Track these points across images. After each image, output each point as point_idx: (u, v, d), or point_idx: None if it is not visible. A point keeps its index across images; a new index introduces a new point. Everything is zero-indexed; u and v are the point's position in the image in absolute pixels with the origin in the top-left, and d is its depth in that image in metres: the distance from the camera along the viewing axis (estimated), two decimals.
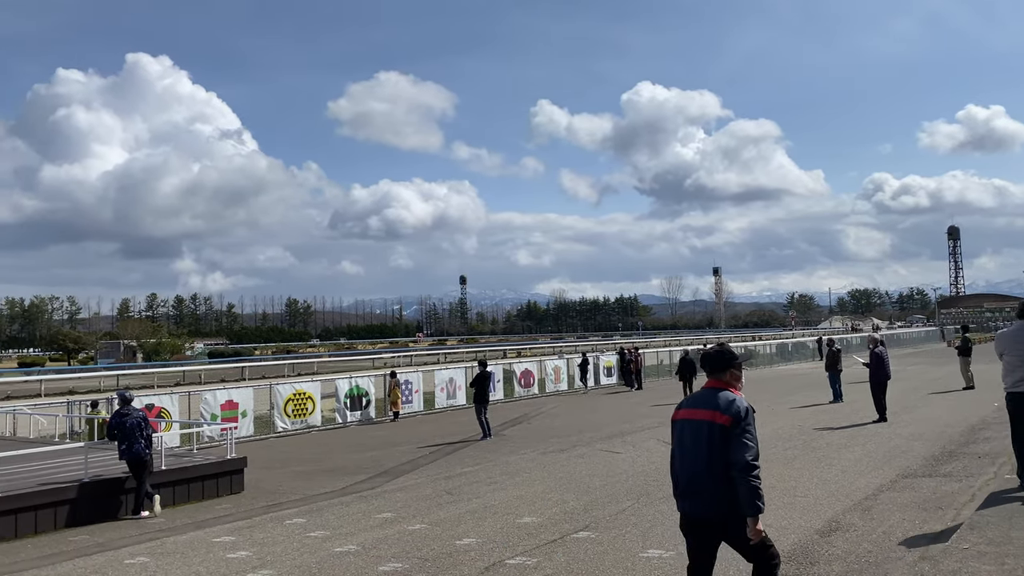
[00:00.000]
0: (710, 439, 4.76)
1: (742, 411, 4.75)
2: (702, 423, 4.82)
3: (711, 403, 4.85)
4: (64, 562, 9.09)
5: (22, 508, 10.98)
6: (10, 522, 10.80)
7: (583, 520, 9.54)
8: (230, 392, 22.31)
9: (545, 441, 17.78)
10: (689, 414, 4.98)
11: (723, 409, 4.76)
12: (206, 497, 13.11)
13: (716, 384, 4.96)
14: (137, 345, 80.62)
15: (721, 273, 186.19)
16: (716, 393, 4.90)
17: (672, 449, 5.09)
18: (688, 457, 4.88)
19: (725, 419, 4.72)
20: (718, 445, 4.72)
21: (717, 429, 4.73)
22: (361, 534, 9.55)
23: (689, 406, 5.08)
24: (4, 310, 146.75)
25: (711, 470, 4.74)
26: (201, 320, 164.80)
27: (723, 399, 4.82)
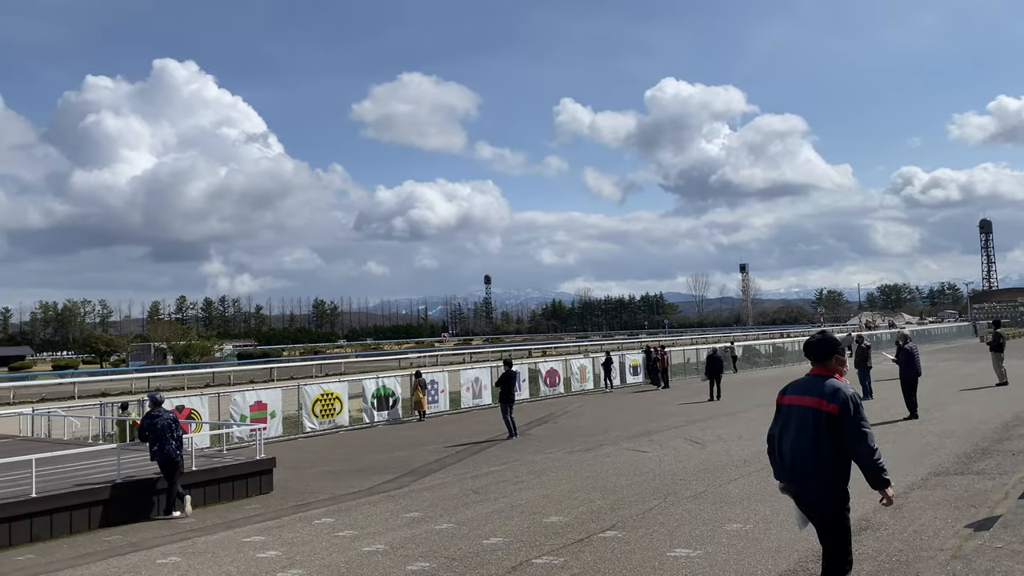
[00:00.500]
0: (816, 426, 5.00)
1: (848, 399, 4.99)
2: (808, 409, 5.07)
3: (817, 390, 5.08)
4: (98, 561, 9.25)
5: (58, 508, 11.19)
6: (46, 522, 11.01)
7: (610, 519, 9.53)
8: (259, 393, 22.53)
9: (571, 440, 17.77)
10: (795, 399, 5.21)
11: (829, 397, 5.00)
12: (236, 497, 13.26)
13: (821, 371, 5.21)
14: (167, 347, 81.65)
15: (748, 270, 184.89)
16: (822, 380, 5.13)
17: (772, 431, 5.37)
18: (793, 442, 5.14)
19: (832, 407, 4.97)
20: (824, 432, 4.98)
21: (823, 417, 4.98)
22: (389, 533, 9.62)
23: (795, 391, 5.29)
24: (38, 314, 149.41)
25: (815, 456, 5.00)
26: (230, 322, 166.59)
27: (828, 387, 5.06)
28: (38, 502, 10.99)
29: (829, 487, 5.03)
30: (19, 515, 10.80)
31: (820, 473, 5.01)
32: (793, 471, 5.15)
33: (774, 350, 51.34)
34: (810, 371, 5.31)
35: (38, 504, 10.98)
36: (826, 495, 5.05)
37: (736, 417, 20.22)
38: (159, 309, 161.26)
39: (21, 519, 10.81)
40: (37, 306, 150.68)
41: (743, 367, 43.14)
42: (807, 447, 5.03)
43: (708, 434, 17.10)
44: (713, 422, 19.40)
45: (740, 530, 8.56)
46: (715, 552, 7.74)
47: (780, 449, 5.26)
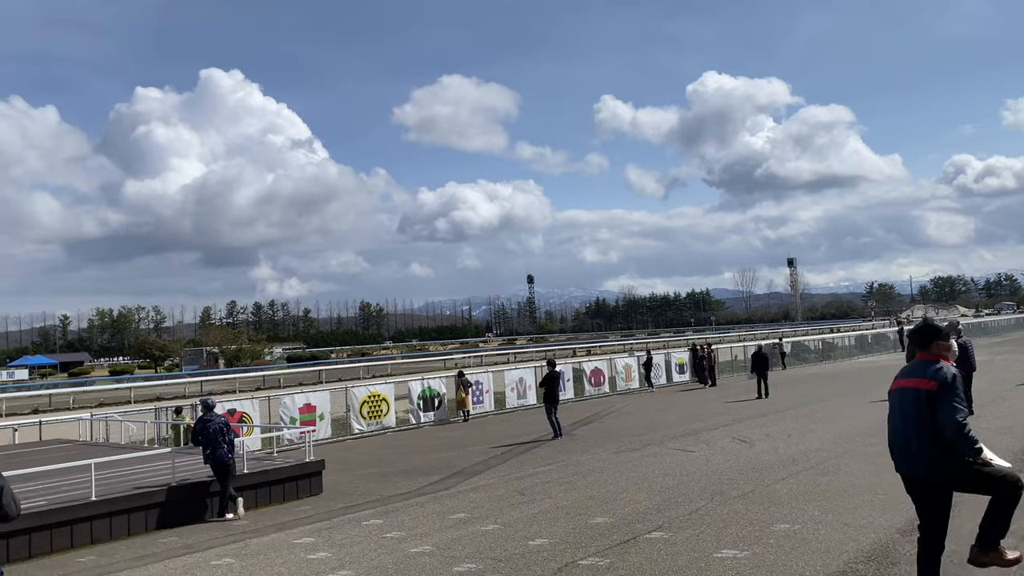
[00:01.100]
0: (918, 405, 5.25)
1: (948, 377, 5.19)
2: (912, 391, 5.34)
3: (919, 372, 5.35)
4: (156, 563, 9.52)
5: (116, 511, 11.54)
6: (106, 525, 11.37)
7: (656, 520, 9.49)
8: (308, 396, 22.92)
9: (617, 440, 17.72)
10: (902, 383, 5.47)
11: (930, 376, 5.24)
12: (287, 499, 13.52)
13: (926, 357, 5.41)
14: (219, 351, 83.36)
15: (796, 264, 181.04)
16: (926, 363, 5.36)
17: (888, 416, 5.62)
18: (901, 422, 5.40)
19: (932, 384, 5.20)
20: (925, 410, 5.20)
21: (924, 395, 5.22)
22: (436, 535, 9.72)
23: (902, 376, 5.53)
24: (95, 321, 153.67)
25: (920, 434, 5.24)
26: (279, 325, 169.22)
27: (931, 368, 5.29)
28: (98, 505, 11.36)
29: (933, 466, 5.21)
30: (80, 518, 11.17)
31: (924, 452, 5.23)
32: (902, 451, 5.40)
33: (824, 345, 50.46)
34: (916, 357, 5.53)
35: (98, 507, 11.34)
36: (931, 473, 5.24)
37: (784, 415, 19.94)
38: (210, 314, 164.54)
39: (82, 522, 11.18)
40: (94, 313, 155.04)
41: (792, 363, 42.52)
42: (911, 427, 5.29)
43: (756, 432, 16.90)
44: (761, 420, 19.17)
45: (788, 530, 8.47)
46: (762, 553, 7.67)
47: (890, 431, 5.55)
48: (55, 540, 10.83)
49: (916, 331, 5.58)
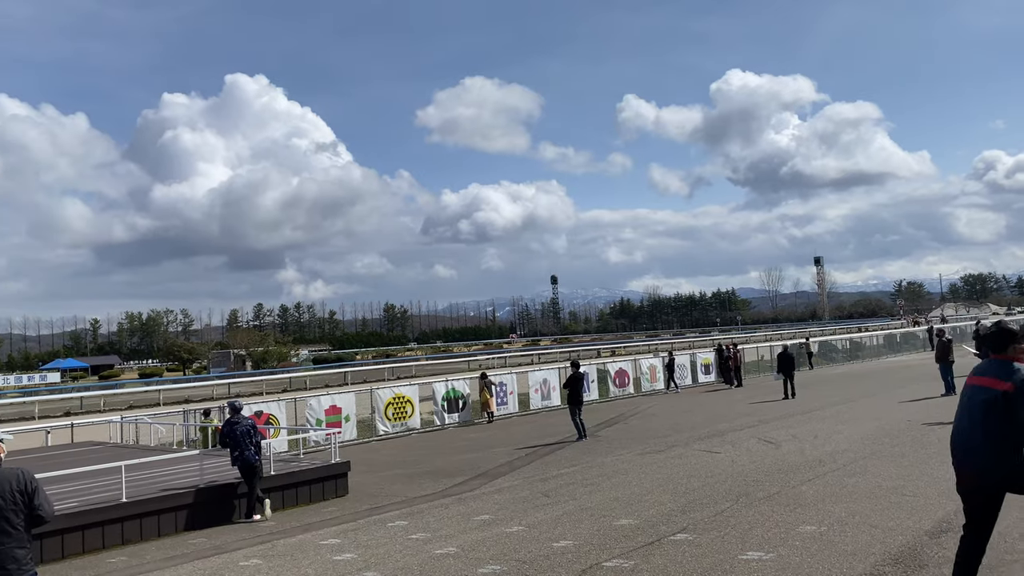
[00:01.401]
0: (989, 404, 5.22)
1: None
2: (983, 388, 5.32)
3: (994, 371, 5.34)
4: (185, 564, 9.66)
5: (146, 513, 11.72)
6: (136, 526, 11.55)
7: (681, 522, 9.46)
8: (333, 397, 23.09)
9: (642, 442, 17.67)
10: (975, 380, 5.49)
11: (1004, 376, 5.21)
12: (313, 500, 13.64)
13: (1002, 358, 5.39)
14: (246, 354, 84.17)
15: (823, 263, 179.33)
16: (1003, 364, 5.33)
17: (956, 412, 5.62)
18: (967, 420, 5.41)
19: (1007, 386, 5.16)
20: (996, 410, 5.18)
21: (999, 395, 5.18)
22: (460, 536, 9.76)
23: (976, 373, 5.54)
24: (125, 324, 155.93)
25: (986, 433, 5.22)
26: (305, 327, 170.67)
27: (1005, 368, 5.28)
28: (128, 506, 11.54)
29: (994, 464, 5.20)
30: (111, 519, 11.35)
31: (986, 451, 5.21)
32: (963, 448, 5.41)
33: (852, 345, 49.87)
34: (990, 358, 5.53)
35: (128, 508, 11.52)
36: (991, 472, 5.23)
37: (811, 416, 19.77)
38: (237, 317, 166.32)
39: (113, 523, 11.36)
40: (124, 316, 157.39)
41: (819, 363, 42.09)
42: (977, 424, 5.27)
43: (782, 433, 16.77)
44: (787, 421, 19.01)
45: (814, 532, 8.40)
46: (788, 555, 7.62)
47: (954, 427, 5.56)
48: (87, 541, 11.02)
49: (993, 334, 5.53)
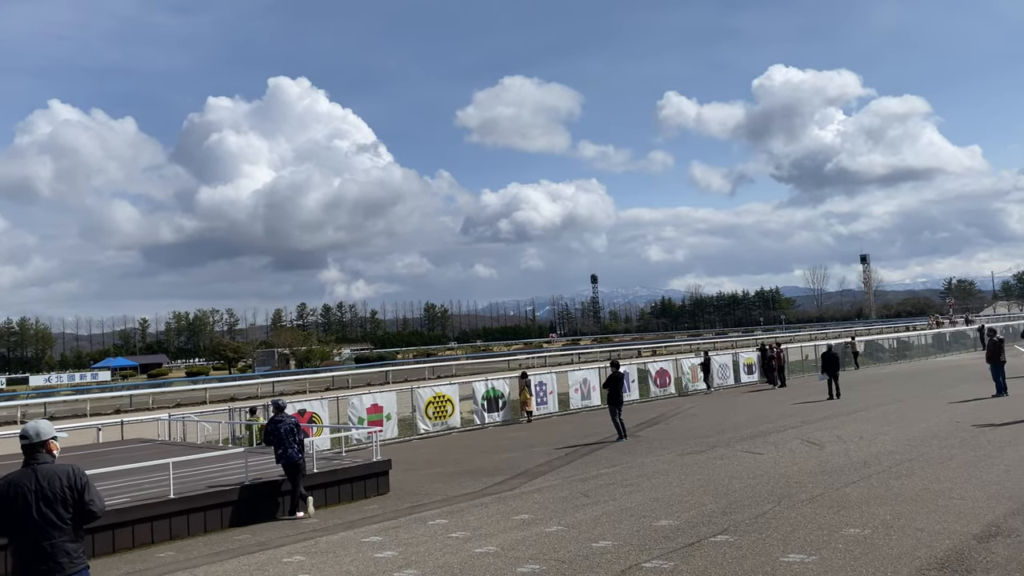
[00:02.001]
0: None
1: None
2: None
3: None
4: (230, 559, 9.86)
5: (193, 509, 11.97)
6: (183, 521, 11.81)
7: (722, 523, 9.39)
8: (375, 396, 23.32)
9: (683, 442, 17.54)
10: None
11: None
12: (355, 498, 13.80)
13: None
14: (290, 352, 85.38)
15: (869, 260, 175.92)
16: None
17: None
18: None
19: None
20: None
21: None
22: (500, 535, 9.80)
23: None
24: (172, 324, 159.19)
25: None
26: (347, 327, 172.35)
27: None
28: (176, 503, 11.80)
29: None
30: (160, 515, 11.62)
31: None
32: None
33: (899, 344, 48.87)
34: None
35: (176, 504, 11.78)
36: None
37: (856, 417, 19.43)
38: (281, 316, 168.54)
39: (162, 518, 11.63)
40: (171, 316, 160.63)
41: (866, 363, 41.33)
42: None
43: (826, 435, 16.52)
44: (831, 422, 18.72)
45: (858, 535, 8.28)
46: (830, 558, 7.51)
47: None
48: (136, 536, 11.30)
49: None
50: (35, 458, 5.27)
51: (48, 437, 5.35)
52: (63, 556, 5.07)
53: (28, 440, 5.30)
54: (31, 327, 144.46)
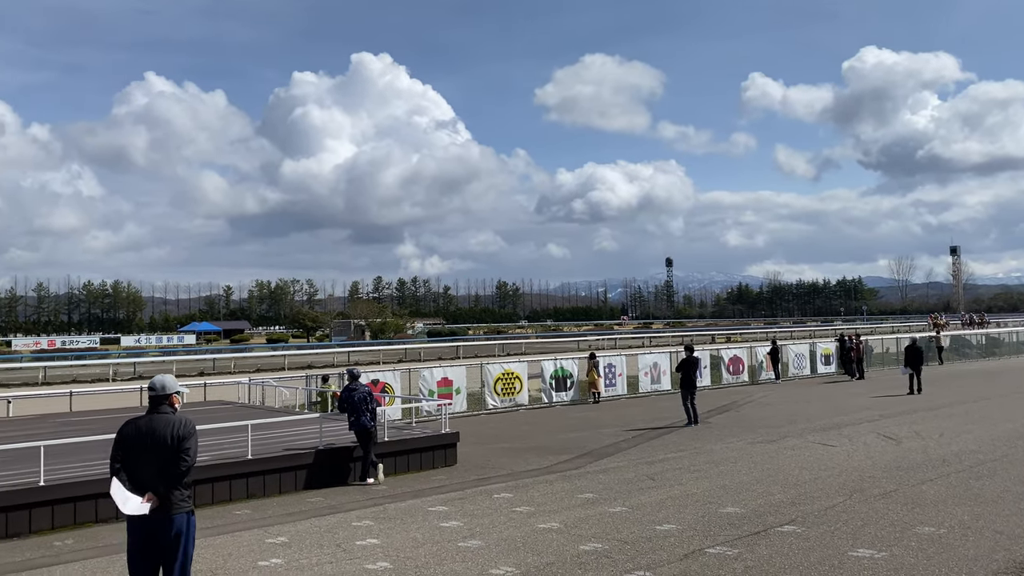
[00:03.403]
0: None
1: None
2: None
3: None
4: (303, 520, 10.23)
5: (269, 470, 12.45)
6: (260, 482, 12.29)
7: (789, 514, 9.26)
8: (445, 370, 23.67)
9: (753, 431, 17.28)
10: None
11: None
12: (423, 468, 14.10)
13: None
14: (365, 324, 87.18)
15: (959, 252, 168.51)
16: None
17: None
18: None
19: None
20: None
21: None
22: (564, 512, 9.89)
23: None
24: (255, 292, 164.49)
25: None
26: (420, 301, 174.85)
27: None
28: (253, 463, 12.28)
29: None
30: (238, 474, 12.12)
31: None
32: None
33: (988, 340, 46.75)
34: None
35: (253, 465, 12.27)
36: None
37: (937, 413, 18.77)
38: (358, 288, 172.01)
39: (239, 478, 12.13)
40: (254, 284, 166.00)
41: (950, 359, 39.78)
42: None
43: (904, 430, 16.03)
44: (910, 417, 18.13)
45: (933, 534, 8.04)
46: (902, 555, 7.33)
47: None
48: (216, 493, 11.82)
49: None
50: (158, 408, 5.88)
51: (172, 391, 5.96)
52: (163, 496, 5.62)
53: (155, 392, 5.92)
54: (123, 290, 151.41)
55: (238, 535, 9.47)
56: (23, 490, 10.31)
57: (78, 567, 8.31)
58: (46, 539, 9.87)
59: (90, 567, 8.29)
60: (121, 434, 5.86)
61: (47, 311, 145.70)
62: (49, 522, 10.34)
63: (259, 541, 9.10)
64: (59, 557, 8.87)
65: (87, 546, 9.37)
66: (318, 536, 9.26)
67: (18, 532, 10.08)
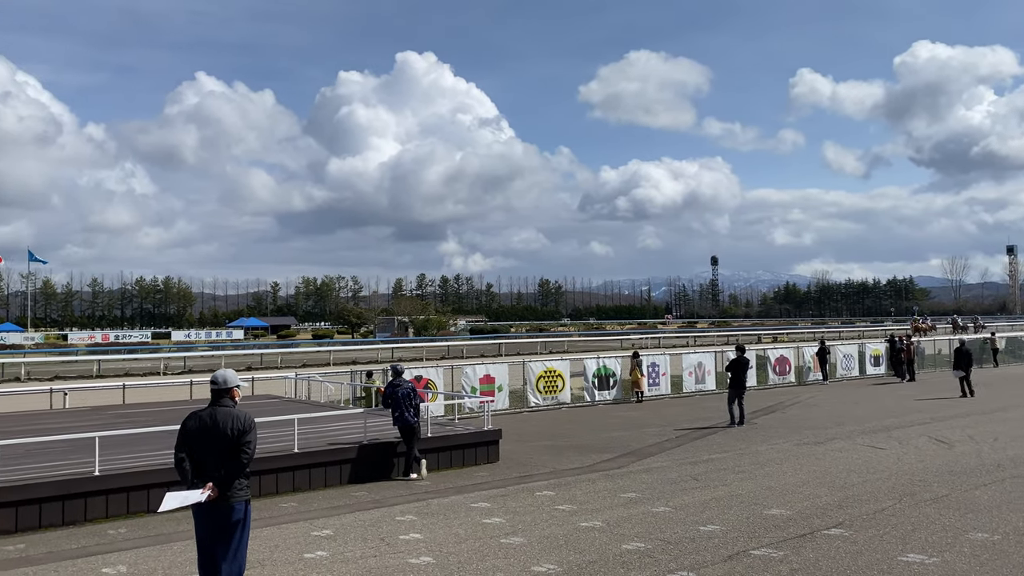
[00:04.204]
0: None
1: None
2: None
3: None
4: (347, 514, 10.36)
5: (315, 464, 12.62)
6: (305, 475, 12.47)
7: (836, 516, 9.10)
8: (488, 367, 23.73)
9: (799, 432, 17.01)
10: None
11: None
12: (466, 464, 14.16)
13: None
14: (408, 321, 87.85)
15: (1016, 252, 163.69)
16: None
17: None
18: None
19: None
20: None
21: None
22: (606, 511, 9.86)
23: None
24: (301, 288, 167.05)
25: None
26: (463, 298, 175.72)
27: None
28: (299, 457, 12.47)
29: None
30: (284, 467, 12.32)
31: None
32: None
33: None
34: None
35: (299, 459, 12.45)
36: None
37: (991, 416, 18.27)
38: (402, 285, 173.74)
39: (286, 471, 12.33)
40: (300, 281, 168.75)
41: (1006, 361, 38.66)
42: None
43: (957, 433, 15.64)
44: (963, 420, 17.68)
45: (986, 540, 7.84)
46: (953, 561, 7.16)
47: None
48: (263, 485, 12.02)
49: None
50: (219, 401, 6.24)
51: (233, 385, 6.34)
52: (223, 485, 5.96)
53: (217, 385, 6.28)
54: (174, 286, 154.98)
55: (284, 527, 9.63)
56: (79, 479, 10.62)
57: (131, 555, 8.53)
58: (101, 527, 10.16)
59: (142, 555, 8.51)
60: (185, 427, 6.16)
61: (101, 306, 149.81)
62: (103, 511, 10.64)
63: (305, 534, 9.25)
64: (113, 545, 9.12)
65: (139, 535, 9.62)
66: (362, 530, 9.38)
67: (74, 520, 10.38)
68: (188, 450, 6.09)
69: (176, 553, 8.55)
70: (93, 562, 8.31)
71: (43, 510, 10.23)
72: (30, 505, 10.17)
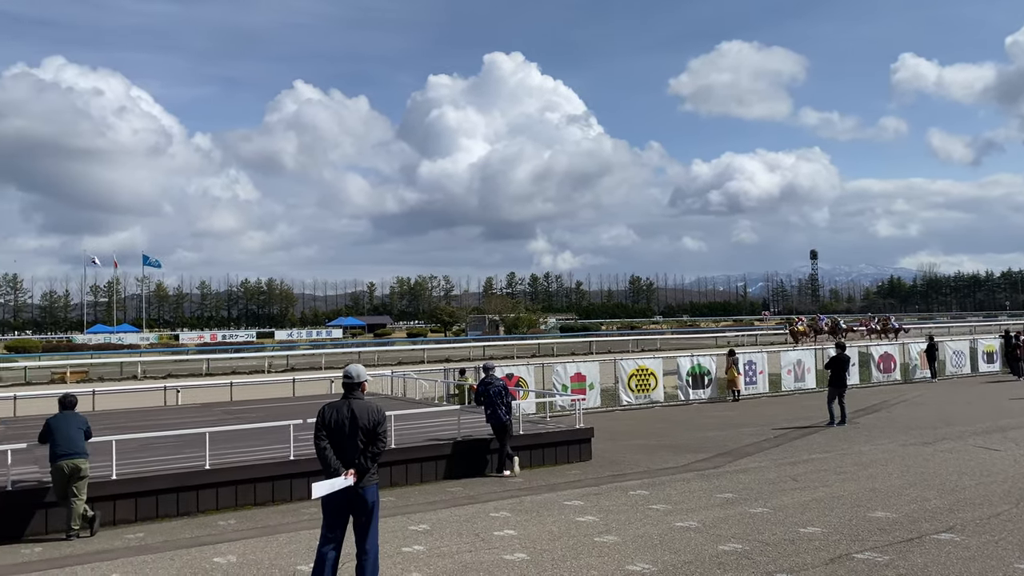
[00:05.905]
0: None
1: None
2: None
3: None
4: (443, 509, 10.57)
5: (411, 459, 12.93)
6: (403, 470, 12.79)
7: (946, 521, 8.71)
8: (579, 365, 23.70)
9: (905, 432, 16.32)
10: None
11: None
12: (558, 462, 14.21)
13: None
14: (499, 319, 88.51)
15: None
16: None
17: None
18: None
19: None
20: None
21: None
22: (702, 512, 9.72)
23: None
24: (395, 288, 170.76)
25: None
26: (553, 297, 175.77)
27: None
28: (396, 452, 12.77)
29: None
30: (383, 462, 12.55)
31: None
32: None
33: None
34: None
35: (396, 454, 12.76)
36: None
37: None
38: (492, 284, 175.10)
39: (384, 466, 12.57)
40: (394, 281, 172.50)
41: None
42: None
43: None
44: None
45: None
46: None
47: None
48: None
49: None
50: (352, 394, 6.75)
51: (363, 379, 6.89)
52: (363, 472, 6.50)
53: (350, 380, 6.82)
54: (277, 287, 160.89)
55: (383, 521, 9.84)
56: (191, 472, 11.20)
57: (239, 546, 8.95)
58: (211, 518, 10.69)
59: (250, 546, 8.92)
60: (324, 417, 6.66)
61: (209, 307, 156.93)
62: (214, 503, 11.19)
63: (403, 528, 9.49)
64: (223, 536, 9.59)
65: (247, 526, 10.07)
66: (457, 525, 9.55)
67: (188, 511, 10.97)
68: (329, 439, 6.58)
69: (281, 544, 8.92)
70: (205, 551, 8.76)
71: (159, 501, 10.85)
72: (148, 496, 10.80)
